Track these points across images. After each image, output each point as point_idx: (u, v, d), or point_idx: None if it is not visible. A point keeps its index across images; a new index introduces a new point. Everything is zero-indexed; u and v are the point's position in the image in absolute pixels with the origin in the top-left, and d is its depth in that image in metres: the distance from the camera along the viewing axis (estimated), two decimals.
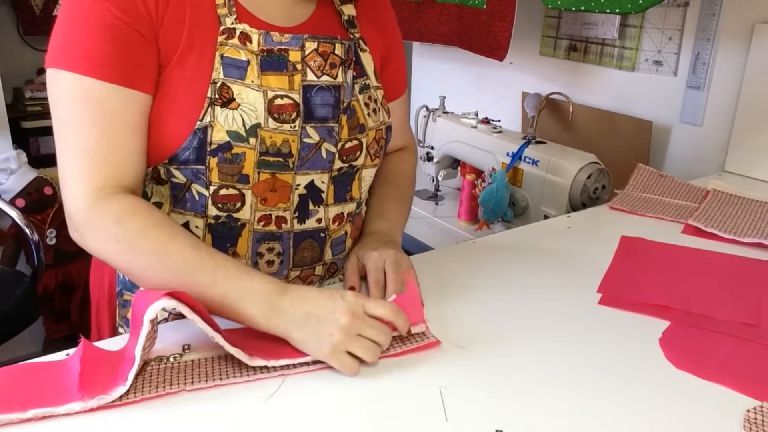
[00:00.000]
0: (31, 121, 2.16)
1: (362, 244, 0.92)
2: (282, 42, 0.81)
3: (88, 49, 0.72)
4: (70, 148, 0.74)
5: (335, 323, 0.68)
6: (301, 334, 0.69)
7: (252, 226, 0.83)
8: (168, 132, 0.77)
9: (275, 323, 0.70)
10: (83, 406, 0.61)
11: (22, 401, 0.61)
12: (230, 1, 0.79)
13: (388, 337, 0.71)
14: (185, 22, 0.76)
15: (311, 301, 0.70)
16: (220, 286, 0.70)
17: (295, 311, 0.70)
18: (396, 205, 1.00)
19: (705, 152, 1.61)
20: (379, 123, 0.91)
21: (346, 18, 0.91)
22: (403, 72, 1.04)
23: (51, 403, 0.61)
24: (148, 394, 0.64)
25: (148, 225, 0.72)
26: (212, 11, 0.78)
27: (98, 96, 0.73)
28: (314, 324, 0.69)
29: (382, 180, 1.01)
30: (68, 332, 2.16)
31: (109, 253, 0.73)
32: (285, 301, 0.70)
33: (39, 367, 0.67)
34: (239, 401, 0.65)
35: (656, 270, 0.98)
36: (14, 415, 0.60)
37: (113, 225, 0.72)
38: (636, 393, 0.69)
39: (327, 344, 0.68)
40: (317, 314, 0.69)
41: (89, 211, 0.72)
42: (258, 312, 0.70)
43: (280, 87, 0.80)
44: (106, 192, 0.73)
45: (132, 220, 0.72)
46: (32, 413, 0.60)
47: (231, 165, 0.78)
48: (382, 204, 0.99)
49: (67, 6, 0.74)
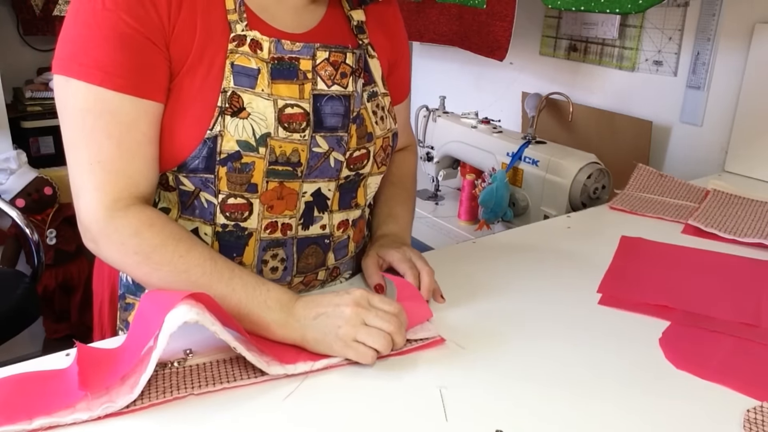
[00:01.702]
0: (31, 121, 2.15)
1: (379, 245, 0.92)
2: (293, 51, 0.81)
3: (100, 58, 0.71)
4: (84, 159, 0.73)
5: (341, 315, 0.70)
6: (313, 334, 0.71)
7: (259, 234, 0.83)
8: (178, 140, 0.77)
9: (291, 329, 0.71)
10: (90, 415, 0.60)
11: (27, 410, 0.60)
12: (241, 7, 0.78)
13: (395, 326, 0.71)
14: (196, 29, 0.75)
15: (321, 301, 0.73)
16: (237, 296, 0.72)
17: (308, 314, 0.72)
18: (404, 208, 1.00)
19: (705, 152, 1.61)
20: (386, 131, 0.91)
21: (356, 23, 0.90)
22: (408, 75, 1.05)
23: (55, 409, 0.60)
24: (156, 400, 0.64)
25: (165, 237, 0.73)
26: (223, 18, 0.77)
27: (112, 107, 0.72)
28: (323, 321, 0.71)
29: (388, 182, 1.01)
30: (68, 332, 2.16)
31: (127, 265, 0.74)
32: (299, 306, 0.73)
33: (41, 376, 0.67)
34: (247, 403, 0.65)
35: (656, 270, 0.98)
36: (19, 425, 0.58)
37: (131, 237, 0.72)
38: (636, 393, 0.69)
39: (336, 338, 0.69)
40: (326, 312, 0.71)
41: (107, 223, 0.73)
42: (274, 319, 0.72)
43: (290, 96, 0.80)
44: (122, 204, 0.73)
45: (149, 232, 0.72)
46: (38, 423, 0.59)
47: (240, 174, 0.78)
48: (390, 207, 0.99)
49: (77, 12, 0.72)
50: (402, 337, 0.72)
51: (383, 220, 0.98)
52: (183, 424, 0.62)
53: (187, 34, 0.75)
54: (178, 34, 0.74)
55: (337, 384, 0.68)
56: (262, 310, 0.72)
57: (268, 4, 0.81)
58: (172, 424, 0.62)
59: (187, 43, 0.75)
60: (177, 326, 0.63)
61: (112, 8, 0.71)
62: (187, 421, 0.62)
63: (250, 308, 0.71)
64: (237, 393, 0.66)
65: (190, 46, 0.75)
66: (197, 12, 0.76)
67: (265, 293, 0.73)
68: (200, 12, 0.76)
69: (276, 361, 0.69)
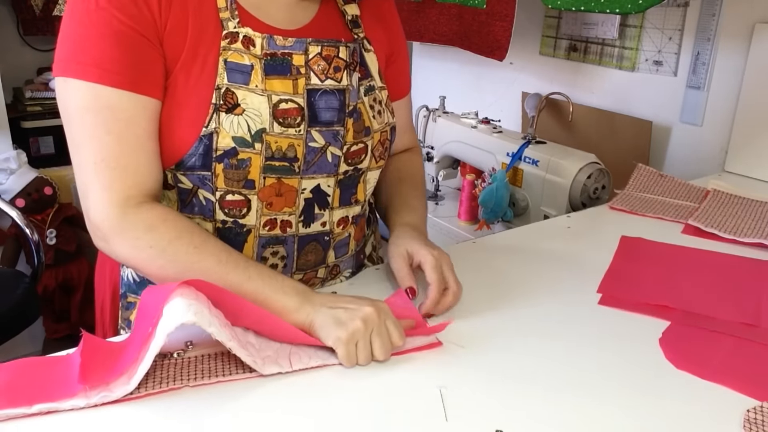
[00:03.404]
0: (31, 121, 2.15)
1: (407, 237, 0.88)
2: (285, 46, 0.81)
3: (96, 56, 0.72)
4: (87, 158, 0.74)
5: (360, 312, 0.71)
6: (323, 318, 0.72)
7: (258, 231, 0.83)
8: (174, 138, 0.77)
9: (303, 314, 0.73)
10: (87, 403, 0.62)
11: (27, 395, 0.62)
12: (232, 4, 0.79)
13: (386, 357, 0.72)
14: (188, 26, 0.76)
15: (342, 298, 0.76)
16: (253, 283, 0.73)
17: (326, 302, 0.74)
18: (420, 202, 0.99)
19: (705, 152, 1.61)
20: (384, 125, 0.91)
21: (350, 18, 0.90)
22: (407, 72, 1.04)
23: (55, 397, 0.62)
24: (152, 390, 0.65)
25: (180, 230, 0.74)
26: (214, 15, 0.78)
27: (110, 103, 0.73)
28: (339, 312, 0.72)
29: (398, 179, 1.01)
30: (68, 332, 2.16)
31: (142, 259, 0.74)
32: (317, 295, 0.76)
33: (43, 362, 0.68)
34: (241, 397, 0.65)
35: (656, 270, 0.98)
36: (20, 409, 0.61)
37: (146, 232, 0.73)
38: (636, 393, 0.69)
39: (346, 330, 0.70)
40: (345, 306, 0.73)
41: (120, 220, 0.73)
42: (290, 303, 0.73)
43: (284, 91, 0.80)
44: (132, 202, 0.74)
45: (164, 226, 0.74)
46: (37, 408, 0.61)
47: (237, 171, 0.78)
48: (407, 200, 0.98)
49: (72, 13, 0.74)
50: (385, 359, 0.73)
51: (402, 208, 0.96)
52: (177, 414, 0.63)
53: (178, 32, 0.76)
54: (170, 31, 0.75)
55: (336, 384, 0.68)
56: (278, 295, 0.73)
57: (261, 2, 0.82)
58: (166, 413, 0.63)
59: (179, 40, 0.76)
60: (174, 327, 0.63)
61: (106, 6, 0.72)
62: (181, 412, 0.63)
63: (267, 293, 0.73)
64: (232, 386, 0.67)
65: (183, 43, 0.76)
66: (188, 10, 0.76)
67: (281, 281, 0.75)
68: (191, 10, 0.76)
69: (271, 361, 0.70)
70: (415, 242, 0.86)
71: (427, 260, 0.83)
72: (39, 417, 0.61)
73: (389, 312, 0.74)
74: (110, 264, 0.91)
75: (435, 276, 0.82)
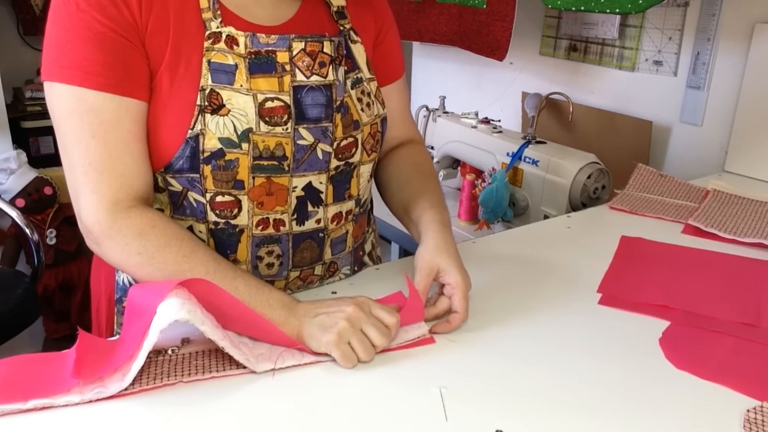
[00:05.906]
0: (31, 121, 2.16)
1: (442, 250, 0.83)
2: (269, 43, 0.80)
3: (79, 59, 0.72)
4: (76, 162, 0.74)
5: (342, 313, 0.72)
6: (309, 328, 0.72)
7: (250, 231, 0.83)
8: (161, 141, 0.77)
9: (290, 326, 0.73)
10: (81, 398, 0.63)
11: (23, 391, 0.62)
12: (215, 4, 0.79)
13: (386, 341, 0.73)
14: (170, 27, 0.76)
15: (323, 303, 0.75)
16: (240, 295, 0.72)
17: (308, 312, 0.74)
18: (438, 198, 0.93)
19: (705, 152, 1.61)
20: (373, 117, 0.90)
21: (335, 9, 0.89)
22: (399, 55, 1.00)
23: (50, 393, 0.62)
24: (146, 386, 0.66)
25: (169, 238, 0.74)
26: (197, 16, 0.78)
27: (94, 106, 0.73)
28: (323, 319, 0.72)
29: (419, 172, 0.96)
30: (68, 332, 2.16)
31: (130, 266, 0.75)
32: (301, 306, 0.75)
33: (38, 358, 0.69)
34: (236, 393, 0.66)
35: (656, 270, 0.98)
36: (15, 405, 0.61)
37: (135, 239, 0.73)
38: (636, 393, 0.69)
39: (329, 335, 0.70)
40: (327, 311, 0.73)
41: (109, 225, 0.73)
42: (275, 316, 0.73)
43: (269, 89, 0.80)
44: (122, 206, 0.74)
45: (153, 233, 0.73)
46: (32, 404, 0.62)
47: (225, 171, 0.78)
48: (431, 197, 0.92)
49: (53, 17, 0.74)
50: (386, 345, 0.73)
51: (428, 205, 0.90)
52: (171, 410, 0.63)
53: (160, 33, 0.76)
54: (152, 32, 0.75)
55: (336, 383, 0.68)
56: (264, 308, 0.73)
57: (244, 1, 0.81)
58: (161, 409, 0.63)
59: (161, 42, 0.76)
60: (168, 323, 0.64)
61: (86, 9, 0.72)
62: (176, 407, 0.64)
63: (253, 306, 0.72)
64: (227, 382, 0.68)
65: (165, 45, 0.76)
66: (169, 11, 0.76)
67: (267, 293, 0.74)
68: (173, 11, 0.76)
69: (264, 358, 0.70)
70: (450, 260, 0.82)
71: (458, 287, 0.80)
72: (34, 412, 0.62)
73: (372, 302, 0.75)
74: (105, 268, 0.91)
75: (464, 305, 0.80)
